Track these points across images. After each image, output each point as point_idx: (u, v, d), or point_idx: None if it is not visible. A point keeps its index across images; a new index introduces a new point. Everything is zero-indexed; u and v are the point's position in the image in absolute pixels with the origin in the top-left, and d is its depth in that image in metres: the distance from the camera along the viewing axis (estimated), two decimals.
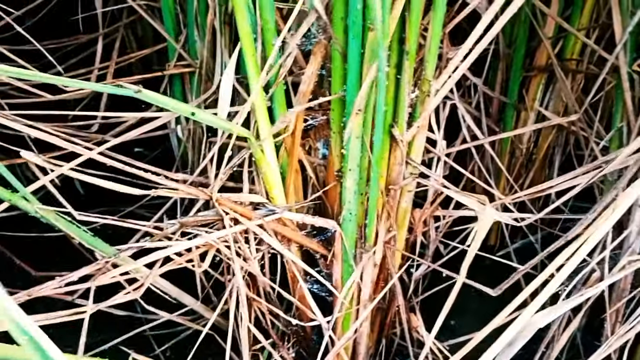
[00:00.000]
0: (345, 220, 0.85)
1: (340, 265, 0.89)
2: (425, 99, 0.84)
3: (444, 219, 1.03)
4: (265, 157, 0.81)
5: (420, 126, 0.86)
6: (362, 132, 0.76)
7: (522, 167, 1.35)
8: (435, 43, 0.80)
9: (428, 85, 0.83)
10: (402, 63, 0.80)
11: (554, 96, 1.28)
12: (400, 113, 0.84)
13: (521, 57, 1.22)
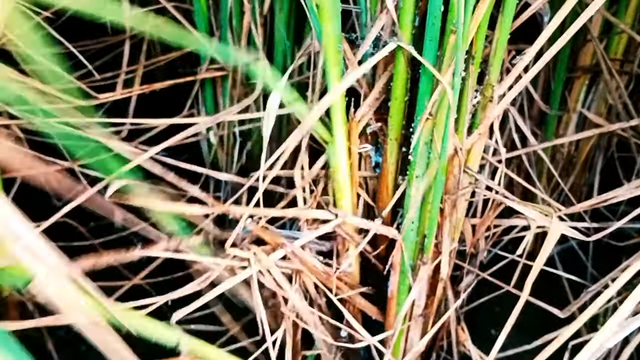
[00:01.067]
0: (407, 230, 0.80)
1: (397, 277, 0.85)
2: (487, 104, 0.80)
3: (494, 228, 0.99)
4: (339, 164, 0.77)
5: (480, 134, 0.81)
6: (430, 137, 0.72)
7: (563, 171, 1.31)
8: (502, 46, 0.76)
9: (491, 90, 0.79)
10: (467, 67, 0.76)
11: (597, 97, 1.23)
12: (461, 120, 0.80)
13: (566, 57, 1.18)
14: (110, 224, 1.16)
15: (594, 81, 1.23)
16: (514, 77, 0.79)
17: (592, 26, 1.14)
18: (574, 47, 1.19)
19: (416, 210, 0.78)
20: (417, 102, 0.72)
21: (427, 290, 0.87)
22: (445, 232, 0.82)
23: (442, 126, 0.71)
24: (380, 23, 0.71)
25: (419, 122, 0.72)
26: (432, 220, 0.79)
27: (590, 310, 0.78)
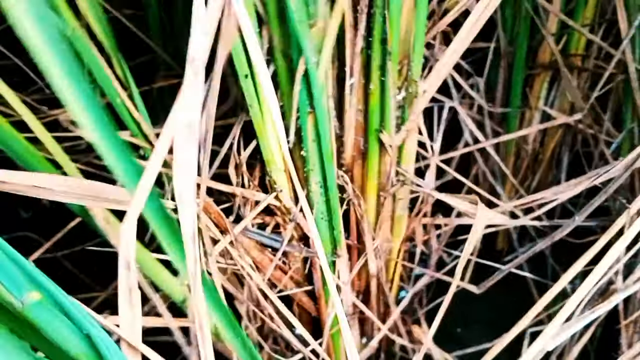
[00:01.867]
0: (318, 221, 0.81)
1: (319, 274, 0.85)
2: (412, 100, 0.80)
3: (445, 227, 0.98)
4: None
5: (409, 130, 0.81)
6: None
7: (529, 169, 1.29)
8: (420, 41, 0.76)
9: (415, 85, 0.79)
10: (385, 64, 0.76)
11: (559, 94, 1.23)
12: (387, 117, 0.80)
13: (523, 54, 1.17)
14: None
15: (556, 78, 1.22)
16: (438, 71, 0.79)
17: (548, 24, 1.14)
18: (532, 44, 1.18)
19: (321, 204, 0.78)
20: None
21: (354, 288, 0.87)
22: (365, 227, 0.82)
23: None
24: None
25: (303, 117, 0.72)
26: (335, 213, 0.79)
27: (541, 302, 0.78)
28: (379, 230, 0.88)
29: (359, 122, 0.84)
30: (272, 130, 0.76)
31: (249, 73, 0.72)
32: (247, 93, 0.73)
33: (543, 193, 0.85)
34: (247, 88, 0.73)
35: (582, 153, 1.30)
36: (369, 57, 0.79)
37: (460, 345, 1.12)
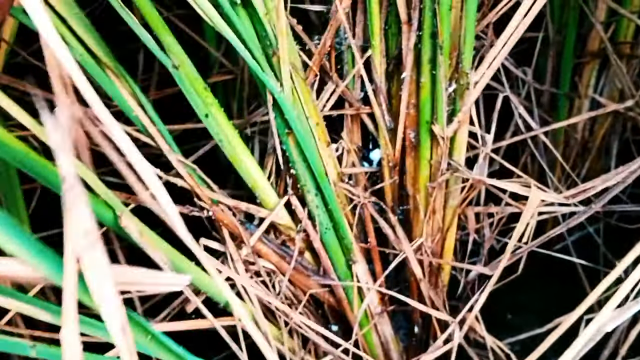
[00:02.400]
0: (322, 233, 0.84)
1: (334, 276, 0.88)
2: (464, 92, 0.82)
3: (498, 214, 0.99)
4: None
5: (460, 121, 0.83)
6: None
7: (578, 157, 1.29)
8: (470, 33, 0.78)
9: (466, 77, 0.81)
10: (436, 58, 0.78)
11: (609, 82, 1.22)
12: (438, 109, 0.82)
13: (572, 43, 1.17)
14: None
15: (605, 66, 1.21)
16: (488, 63, 0.81)
17: (597, 11, 1.14)
18: (581, 32, 1.18)
19: (323, 216, 0.81)
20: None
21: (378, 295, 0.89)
22: (400, 232, 0.84)
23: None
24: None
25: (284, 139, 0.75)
26: (340, 222, 0.82)
27: (597, 291, 0.78)
28: (429, 220, 0.90)
29: (410, 114, 0.86)
30: (248, 160, 0.80)
31: (209, 112, 0.75)
32: (212, 131, 0.77)
33: (593, 182, 0.85)
34: (210, 126, 0.76)
35: (631, 140, 1.29)
36: (420, 51, 0.81)
37: (511, 332, 1.13)
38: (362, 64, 0.84)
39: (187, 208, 0.79)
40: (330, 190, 0.80)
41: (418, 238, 0.90)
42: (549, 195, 0.82)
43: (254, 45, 0.72)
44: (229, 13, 0.69)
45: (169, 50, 0.72)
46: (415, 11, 0.78)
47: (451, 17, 0.76)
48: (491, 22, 0.85)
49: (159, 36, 0.71)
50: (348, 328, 0.93)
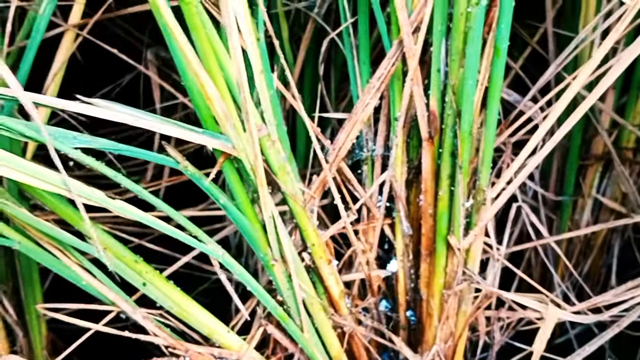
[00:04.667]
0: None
1: None
2: (480, 207, 0.85)
3: (508, 319, 1.02)
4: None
5: (476, 235, 0.86)
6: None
7: (581, 253, 1.32)
8: (488, 154, 0.81)
9: (483, 194, 0.84)
10: (455, 175, 0.81)
11: (611, 183, 1.26)
12: (455, 222, 0.85)
13: (577, 147, 1.22)
14: None
15: (608, 167, 1.26)
16: (505, 181, 0.84)
17: (601, 119, 1.18)
18: (586, 136, 1.23)
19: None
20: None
21: None
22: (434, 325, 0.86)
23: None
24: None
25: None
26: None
27: None
28: (442, 325, 0.92)
29: (428, 224, 0.88)
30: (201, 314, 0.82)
31: (145, 281, 0.78)
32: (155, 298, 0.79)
33: (603, 296, 0.88)
34: (151, 294, 0.79)
35: (633, 239, 1.33)
36: (439, 166, 0.84)
37: None
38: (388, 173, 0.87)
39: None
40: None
41: (431, 343, 0.92)
42: (565, 313, 0.85)
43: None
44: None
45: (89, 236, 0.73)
46: (436, 130, 0.82)
47: (471, 140, 0.79)
48: (510, 142, 0.88)
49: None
50: None
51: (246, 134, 0.69)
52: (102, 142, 0.66)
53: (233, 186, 0.75)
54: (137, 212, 0.68)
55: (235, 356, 0.84)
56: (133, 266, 0.76)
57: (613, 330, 0.88)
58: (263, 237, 0.78)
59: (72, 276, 0.76)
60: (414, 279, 0.94)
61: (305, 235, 0.83)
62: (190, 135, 0.68)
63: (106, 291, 0.78)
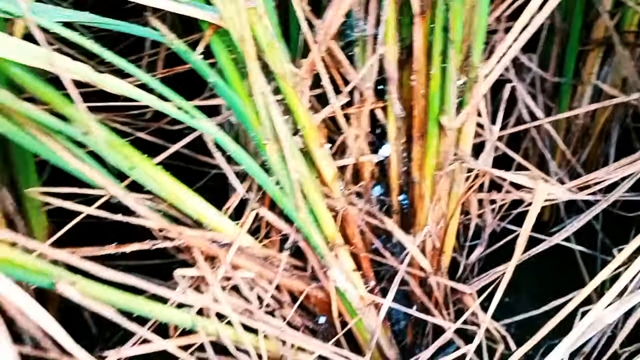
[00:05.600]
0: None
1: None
2: (473, 85, 0.84)
3: (501, 201, 1.02)
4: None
5: (468, 113, 0.85)
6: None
7: (579, 142, 1.32)
8: (482, 29, 0.79)
9: (475, 71, 0.83)
10: (447, 51, 0.80)
11: (612, 69, 1.24)
12: (447, 101, 0.84)
13: (577, 31, 1.19)
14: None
15: (609, 53, 1.23)
16: (497, 57, 0.83)
17: (603, 1, 1.15)
18: (587, 20, 1.19)
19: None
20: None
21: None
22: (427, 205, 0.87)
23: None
24: None
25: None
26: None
27: (596, 280, 0.81)
28: (434, 207, 0.93)
29: (420, 104, 0.88)
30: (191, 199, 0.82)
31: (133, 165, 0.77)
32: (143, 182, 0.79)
33: (596, 173, 0.88)
34: (140, 178, 0.78)
35: (632, 128, 1.32)
36: (431, 43, 0.83)
37: (507, 313, 1.17)
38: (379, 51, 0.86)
39: (149, 243, 0.82)
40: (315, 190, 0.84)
41: (423, 224, 0.93)
42: (555, 189, 0.85)
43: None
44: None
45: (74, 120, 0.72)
46: (428, 5, 0.80)
47: (464, 12, 0.77)
48: (503, 15, 0.86)
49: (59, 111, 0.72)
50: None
51: (233, 3, 0.68)
52: (86, 16, 0.64)
53: (222, 61, 0.74)
54: (124, 86, 0.67)
55: (229, 239, 0.86)
56: (121, 150, 0.76)
57: (601, 205, 0.88)
58: (254, 114, 0.78)
59: (59, 161, 0.75)
60: (406, 163, 0.94)
61: (296, 117, 0.83)
62: (176, 6, 0.67)
63: (95, 176, 0.78)
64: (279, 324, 0.89)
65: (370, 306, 0.96)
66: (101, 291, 0.73)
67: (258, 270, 0.89)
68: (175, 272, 0.86)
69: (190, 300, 0.82)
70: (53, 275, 0.68)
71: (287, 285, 0.93)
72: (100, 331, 1.17)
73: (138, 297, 0.76)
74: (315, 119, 0.86)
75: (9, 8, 0.61)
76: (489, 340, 1.08)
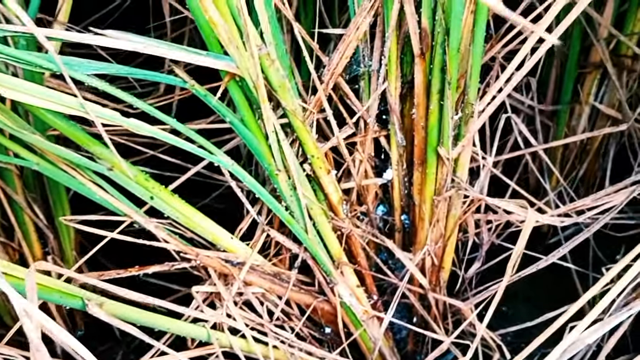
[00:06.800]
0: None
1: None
2: (468, 120, 0.90)
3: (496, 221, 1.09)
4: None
5: (464, 145, 0.92)
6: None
7: (577, 158, 1.38)
8: (476, 70, 0.86)
9: (470, 107, 0.89)
10: (444, 90, 0.86)
11: (609, 90, 1.30)
12: (444, 134, 0.91)
13: (576, 55, 1.25)
14: None
15: (606, 75, 1.29)
16: (492, 93, 0.89)
17: (600, 29, 1.21)
18: (584, 44, 1.25)
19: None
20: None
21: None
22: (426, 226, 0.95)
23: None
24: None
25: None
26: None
27: (586, 296, 0.87)
28: (433, 228, 1.00)
29: (420, 135, 0.94)
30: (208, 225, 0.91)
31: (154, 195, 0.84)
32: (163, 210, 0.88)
33: (584, 200, 0.95)
34: (160, 207, 0.87)
35: (628, 145, 1.37)
36: (430, 81, 0.89)
37: (503, 322, 1.24)
38: (382, 86, 0.93)
39: (168, 264, 0.90)
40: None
41: (423, 244, 1.00)
42: (543, 217, 0.92)
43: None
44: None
45: (100, 156, 0.81)
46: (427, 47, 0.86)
47: (459, 57, 0.84)
48: (497, 54, 0.92)
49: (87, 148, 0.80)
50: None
51: (248, 54, 0.75)
52: (116, 67, 0.72)
53: (238, 103, 0.81)
54: (151, 128, 0.75)
55: (241, 259, 0.93)
56: (142, 183, 0.84)
57: (591, 230, 0.95)
58: (267, 149, 0.85)
59: (87, 192, 0.84)
60: (407, 186, 1.01)
61: (306, 148, 0.90)
62: (197, 58, 0.74)
63: (119, 204, 0.86)
64: (288, 336, 0.97)
65: (374, 317, 1.04)
66: (125, 310, 0.82)
67: (268, 286, 0.97)
68: (192, 288, 0.94)
69: (206, 316, 0.90)
70: (84, 298, 0.76)
71: (295, 299, 1.01)
72: (123, 335, 1.26)
73: (158, 315, 0.85)
74: (323, 149, 0.93)
75: (45, 64, 0.69)
76: (486, 348, 1.15)
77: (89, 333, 1.23)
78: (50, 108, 0.70)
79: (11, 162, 0.94)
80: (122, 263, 1.09)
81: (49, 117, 0.75)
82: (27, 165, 0.81)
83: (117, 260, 1.21)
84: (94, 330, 1.21)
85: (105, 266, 1.22)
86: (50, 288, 0.74)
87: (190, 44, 1.53)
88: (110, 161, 0.81)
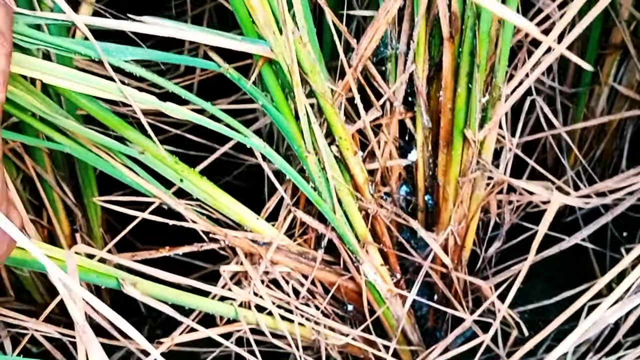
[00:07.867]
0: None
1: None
2: (495, 102, 0.91)
3: (518, 202, 1.11)
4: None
5: (490, 128, 0.93)
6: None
7: (594, 138, 1.39)
8: (505, 53, 0.87)
9: (498, 90, 0.90)
10: (473, 73, 0.87)
11: (628, 71, 1.31)
12: (472, 116, 0.92)
13: (597, 36, 1.25)
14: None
15: (626, 55, 1.29)
16: (519, 78, 0.90)
17: (622, 9, 1.21)
18: (606, 25, 1.26)
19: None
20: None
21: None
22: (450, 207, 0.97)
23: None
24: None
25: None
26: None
27: (605, 278, 0.89)
28: (457, 208, 1.02)
29: (446, 117, 0.96)
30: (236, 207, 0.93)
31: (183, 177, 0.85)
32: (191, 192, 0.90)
33: (606, 182, 0.96)
34: (189, 189, 0.89)
35: None
36: (458, 64, 0.90)
37: (522, 299, 1.26)
38: (410, 69, 0.94)
39: (197, 245, 0.93)
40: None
41: (446, 224, 1.02)
42: (567, 199, 0.93)
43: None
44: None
45: (132, 141, 0.82)
46: (456, 30, 0.87)
47: (489, 41, 0.85)
48: (525, 38, 0.93)
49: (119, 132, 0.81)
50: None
51: (283, 38, 0.76)
52: (153, 53, 0.73)
53: (271, 87, 0.82)
54: (189, 113, 0.76)
55: (268, 239, 0.95)
56: (172, 166, 0.86)
57: (613, 213, 0.96)
58: (298, 132, 0.87)
59: (118, 174, 0.85)
60: (432, 168, 1.03)
61: (334, 130, 0.91)
62: (233, 43, 0.75)
63: (148, 186, 0.88)
64: (314, 312, 0.99)
65: (397, 295, 1.06)
66: (157, 289, 0.84)
67: (294, 265, 0.99)
68: (220, 268, 0.96)
69: (234, 294, 0.93)
70: (119, 278, 0.79)
71: (319, 278, 1.03)
72: (149, 310, 1.29)
73: (188, 294, 0.87)
74: (350, 130, 0.95)
75: (84, 50, 0.70)
76: (504, 325, 1.17)
77: (115, 309, 1.25)
78: (89, 93, 0.71)
79: (43, 145, 0.96)
80: (146, 240, 1.11)
81: (82, 101, 0.77)
82: (60, 149, 0.82)
83: (142, 238, 1.24)
84: (120, 306, 1.23)
85: (132, 244, 1.24)
86: (87, 269, 0.76)
87: (209, 24, 1.52)
88: (142, 145, 0.83)
